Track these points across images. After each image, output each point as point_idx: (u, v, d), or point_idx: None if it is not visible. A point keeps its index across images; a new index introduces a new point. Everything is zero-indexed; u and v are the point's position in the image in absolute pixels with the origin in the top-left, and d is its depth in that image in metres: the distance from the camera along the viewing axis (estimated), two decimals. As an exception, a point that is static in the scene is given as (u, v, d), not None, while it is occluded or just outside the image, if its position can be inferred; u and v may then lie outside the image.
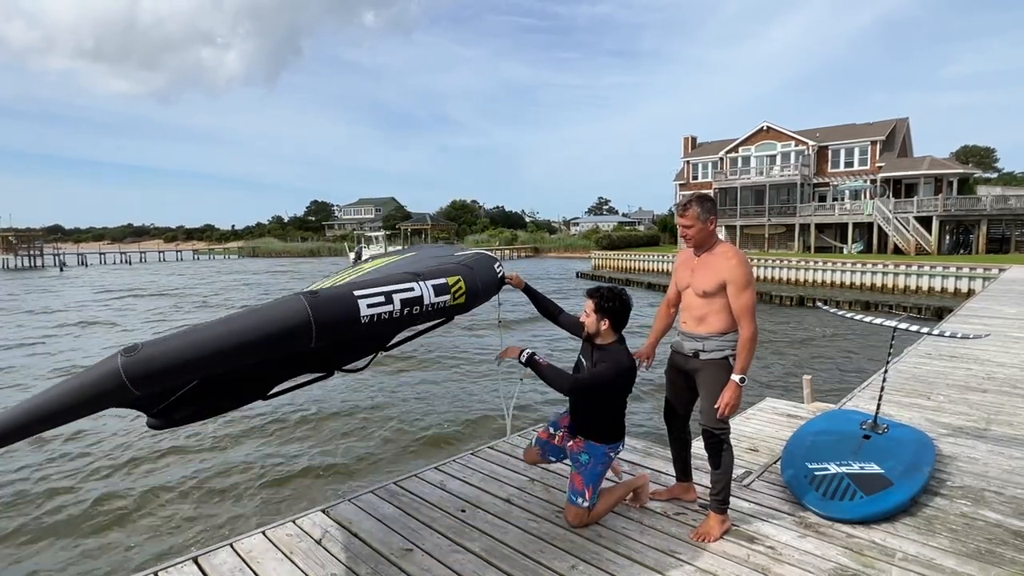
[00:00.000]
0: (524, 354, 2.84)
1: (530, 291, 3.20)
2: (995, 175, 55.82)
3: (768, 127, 37.89)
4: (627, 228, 67.80)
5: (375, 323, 2.02)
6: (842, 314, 4.73)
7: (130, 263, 59.39)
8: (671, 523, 3.00)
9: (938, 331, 4.14)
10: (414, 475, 3.70)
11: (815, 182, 36.27)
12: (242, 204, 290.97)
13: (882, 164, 33.81)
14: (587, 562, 2.65)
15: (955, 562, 2.60)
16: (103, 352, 12.67)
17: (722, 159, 39.61)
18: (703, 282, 2.83)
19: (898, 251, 29.81)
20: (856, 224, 32.24)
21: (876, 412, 3.87)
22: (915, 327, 4.18)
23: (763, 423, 5.12)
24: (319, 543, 2.88)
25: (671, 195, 47.87)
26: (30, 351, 13.66)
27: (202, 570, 2.65)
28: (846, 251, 32.13)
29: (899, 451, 3.45)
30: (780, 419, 5.19)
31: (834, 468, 3.30)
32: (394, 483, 3.59)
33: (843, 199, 34.41)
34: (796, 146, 36.68)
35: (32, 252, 55.59)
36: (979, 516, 3.04)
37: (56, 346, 14.29)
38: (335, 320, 1.90)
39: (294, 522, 3.11)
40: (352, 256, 44.46)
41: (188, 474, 6.39)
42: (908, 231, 29.62)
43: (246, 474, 6.38)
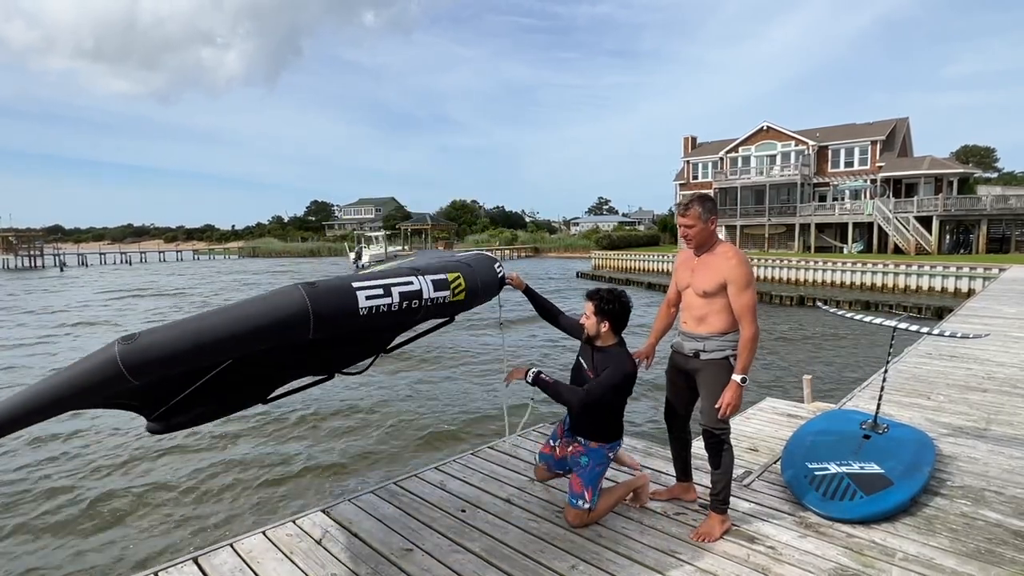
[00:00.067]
0: (530, 374, 2.85)
1: (530, 292, 3.20)
2: (995, 175, 55.84)
3: (768, 127, 37.90)
4: (627, 228, 67.84)
5: (374, 315, 2.01)
6: (842, 314, 4.73)
7: (130, 263, 59.37)
8: (671, 523, 3.00)
9: (938, 331, 4.14)
10: (414, 475, 3.70)
11: (815, 182, 36.28)
12: (242, 204, 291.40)
13: (882, 164, 33.82)
14: (587, 562, 2.65)
15: (955, 562, 2.60)
16: (103, 352, 12.62)
17: (722, 159, 39.62)
18: (703, 282, 2.83)
19: (898, 251, 29.83)
20: (856, 224, 32.26)
21: (876, 412, 3.87)
22: (915, 327, 4.18)
23: (763, 423, 5.12)
24: (319, 543, 2.88)
25: (671, 195, 47.95)
26: (30, 351, 13.67)
27: (202, 570, 2.65)
28: (846, 251, 32.13)
29: (899, 451, 3.45)
30: (780, 419, 5.20)
31: (834, 468, 3.30)
32: (394, 483, 3.59)
33: (843, 199, 34.42)
34: (796, 146, 36.69)
35: (32, 252, 55.51)
36: (979, 516, 3.04)
37: (56, 346, 14.30)
38: (333, 311, 1.88)
39: (294, 522, 3.11)
40: (352, 256, 44.45)
41: (188, 474, 6.39)
42: (908, 231, 29.64)
43: (246, 474, 6.38)
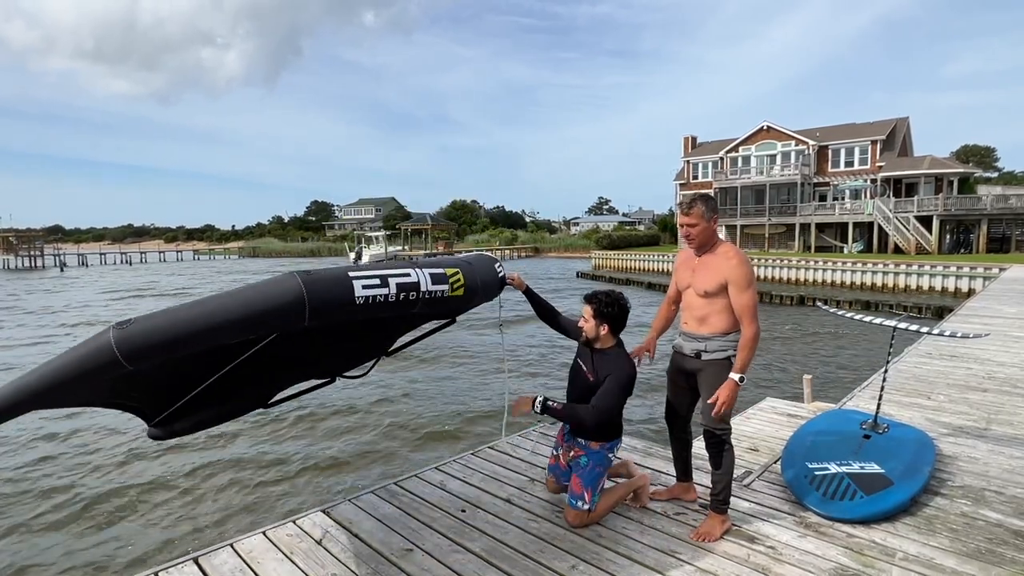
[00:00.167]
0: (538, 404, 2.83)
1: (530, 293, 3.20)
2: (995, 174, 55.82)
3: (768, 127, 37.89)
4: (627, 228, 67.85)
5: (370, 305, 1.99)
6: (842, 314, 4.73)
7: (130, 263, 59.37)
8: (671, 523, 3.00)
9: (938, 331, 4.14)
10: (414, 475, 3.70)
11: (815, 182, 36.27)
12: (242, 204, 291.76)
13: (882, 164, 33.81)
14: (587, 562, 2.65)
15: (955, 562, 2.60)
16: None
17: (722, 159, 39.60)
18: (704, 282, 2.82)
19: (898, 251, 29.82)
20: (856, 224, 32.24)
21: (876, 412, 3.87)
22: (915, 327, 4.19)
23: (763, 423, 5.12)
24: (319, 543, 2.88)
25: (671, 195, 47.95)
26: (31, 351, 13.67)
27: (202, 570, 2.65)
28: (846, 251, 32.12)
29: (899, 451, 3.45)
30: (780, 419, 5.20)
31: (834, 468, 3.30)
32: (394, 483, 3.59)
33: (843, 199, 34.41)
34: (796, 146, 36.67)
35: (32, 252, 55.53)
36: (979, 516, 3.04)
37: (57, 347, 14.28)
38: (329, 299, 1.86)
39: (294, 522, 3.11)
40: (352, 256, 44.46)
41: (187, 474, 6.39)
42: (908, 230, 29.63)
43: (246, 474, 6.38)
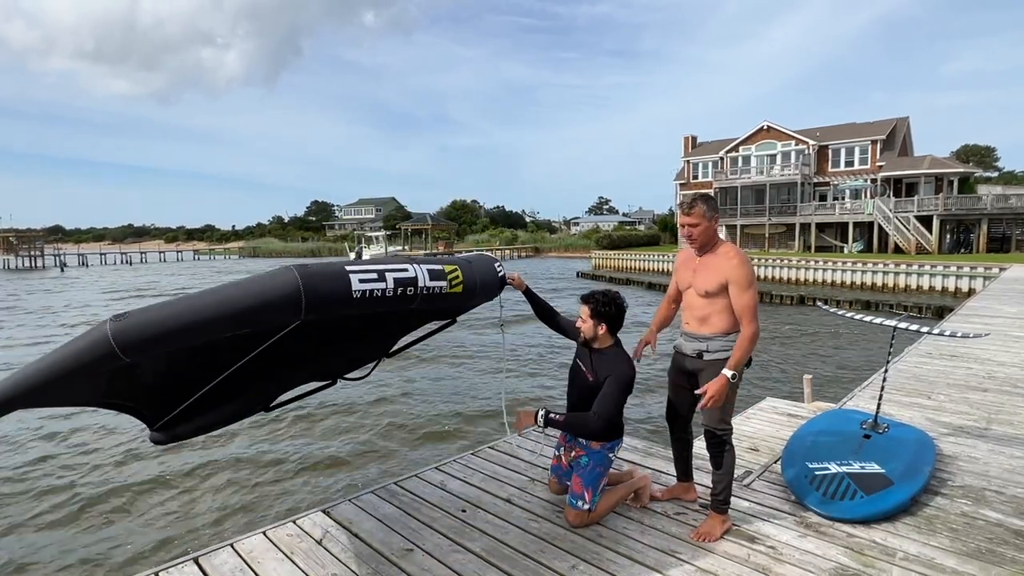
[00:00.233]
0: (540, 418, 2.83)
1: (529, 293, 3.20)
2: (995, 174, 55.81)
3: (768, 126, 37.88)
4: (627, 228, 67.83)
5: (367, 300, 1.99)
6: (842, 313, 4.73)
7: (131, 263, 59.37)
8: (672, 523, 3.00)
9: (938, 330, 4.15)
10: (415, 475, 3.71)
11: (815, 181, 36.26)
12: (242, 204, 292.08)
13: (882, 163, 33.79)
14: (588, 562, 2.65)
15: (956, 561, 2.60)
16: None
17: (722, 159, 39.59)
18: (705, 282, 2.82)
19: (899, 250, 29.81)
20: (856, 223, 32.23)
21: (876, 412, 3.87)
22: (915, 326, 4.19)
23: (763, 423, 5.12)
24: (320, 543, 2.88)
25: (671, 195, 47.95)
26: (32, 351, 13.67)
27: (203, 570, 2.65)
28: (846, 250, 32.11)
29: (899, 451, 3.45)
30: (780, 419, 5.19)
31: (835, 468, 3.30)
32: (395, 483, 3.59)
33: (843, 198, 34.39)
34: (796, 145, 36.66)
35: (33, 253, 55.53)
36: (980, 515, 3.04)
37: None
38: (326, 293, 1.87)
39: (294, 522, 3.11)
40: (352, 256, 44.51)
41: (187, 473, 6.39)
42: (909, 230, 29.62)
43: (245, 473, 6.38)
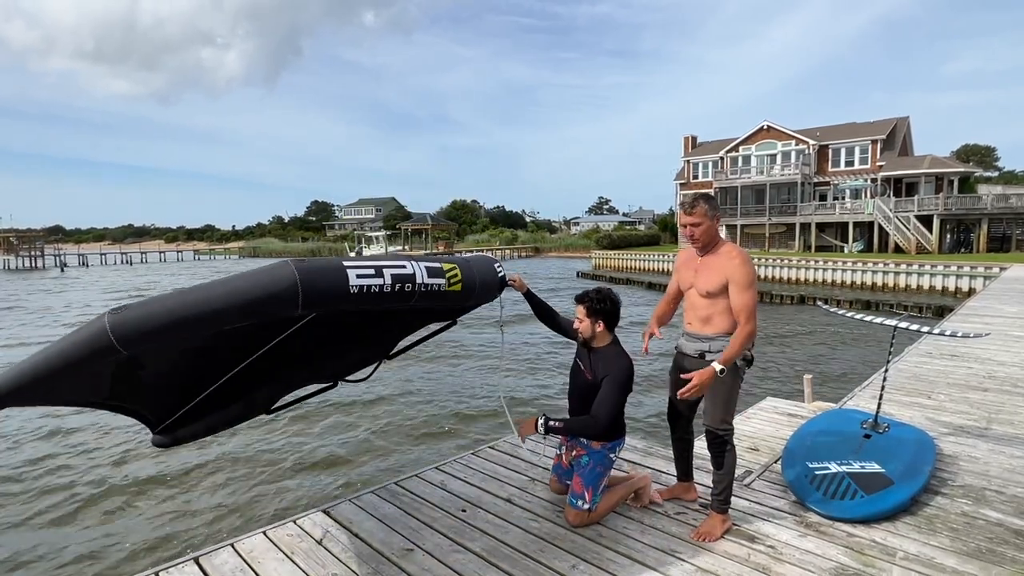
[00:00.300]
0: (541, 425, 2.85)
1: (530, 295, 3.21)
2: (996, 174, 55.79)
3: (768, 126, 37.86)
4: (627, 228, 67.81)
5: (365, 295, 2.01)
6: (842, 313, 4.73)
7: (131, 263, 59.36)
8: (672, 523, 3.00)
9: (939, 330, 4.15)
10: (415, 475, 3.71)
11: (816, 181, 36.25)
12: (242, 204, 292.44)
13: (883, 163, 33.78)
14: (588, 562, 2.65)
15: (956, 561, 2.60)
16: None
17: (722, 158, 39.58)
18: (707, 282, 2.81)
19: (899, 250, 29.80)
20: (857, 223, 32.22)
21: (877, 411, 3.87)
22: (916, 326, 4.19)
23: (764, 422, 5.12)
24: (320, 543, 2.88)
25: (671, 195, 47.94)
26: (33, 351, 13.65)
27: (203, 570, 2.65)
28: (847, 250, 32.10)
29: (900, 450, 3.45)
30: (781, 418, 5.19)
31: (835, 467, 3.30)
32: (395, 483, 3.59)
33: (844, 198, 34.37)
34: (796, 145, 36.65)
35: (33, 253, 55.50)
36: (980, 515, 3.04)
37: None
38: (323, 288, 1.88)
39: (295, 522, 3.11)
40: (352, 256, 44.50)
41: (186, 473, 6.39)
42: (909, 230, 29.61)
43: (245, 472, 6.38)
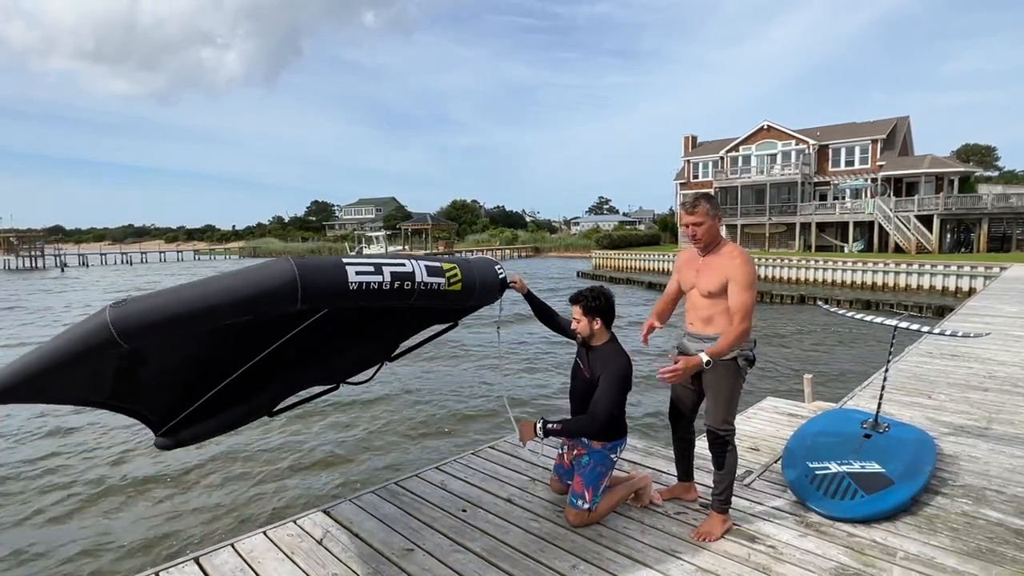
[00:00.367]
0: (539, 428, 2.86)
1: (530, 296, 3.21)
2: (996, 173, 55.79)
3: (768, 126, 37.85)
4: (627, 227, 67.78)
5: (364, 292, 2.01)
6: (843, 313, 4.73)
7: (131, 263, 59.36)
8: (672, 522, 3.00)
9: (939, 330, 4.15)
10: (415, 475, 3.71)
11: (816, 181, 36.24)
12: (242, 204, 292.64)
13: (883, 163, 33.78)
14: (588, 562, 2.65)
15: (956, 561, 2.60)
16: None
17: (722, 158, 39.57)
18: (708, 283, 2.81)
19: (899, 250, 29.79)
20: (857, 223, 32.21)
21: (877, 411, 3.87)
22: (916, 326, 4.19)
23: (764, 422, 5.12)
24: (320, 543, 2.88)
25: (671, 194, 47.92)
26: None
27: (203, 570, 2.65)
28: (847, 250, 32.09)
29: (900, 450, 3.45)
30: (781, 418, 5.19)
31: (835, 467, 3.30)
32: (395, 483, 3.59)
33: (844, 198, 34.37)
34: (797, 145, 36.64)
35: (33, 253, 55.49)
36: (980, 515, 3.04)
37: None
38: (322, 284, 1.89)
39: (295, 522, 3.11)
40: (353, 255, 44.50)
41: (185, 472, 6.39)
42: (909, 230, 29.60)
43: (245, 472, 6.38)
